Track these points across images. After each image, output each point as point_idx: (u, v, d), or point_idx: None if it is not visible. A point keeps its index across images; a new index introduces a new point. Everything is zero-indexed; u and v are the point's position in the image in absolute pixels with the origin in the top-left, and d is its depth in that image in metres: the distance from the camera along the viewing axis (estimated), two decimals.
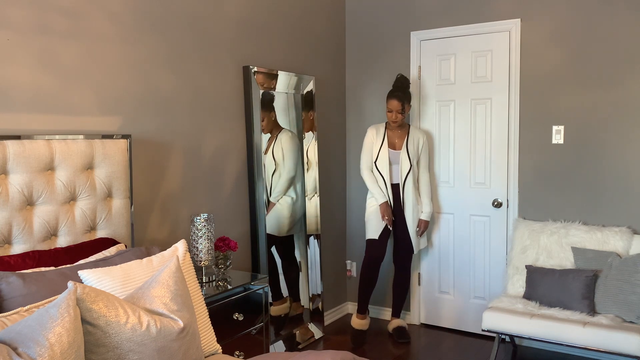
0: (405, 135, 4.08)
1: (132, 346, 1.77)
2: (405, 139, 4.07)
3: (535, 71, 3.93)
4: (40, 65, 2.47)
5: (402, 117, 4.00)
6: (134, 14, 2.88)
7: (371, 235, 4.08)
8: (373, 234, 4.07)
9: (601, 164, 3.74)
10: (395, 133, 4.09)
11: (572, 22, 3.79)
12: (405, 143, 4.05)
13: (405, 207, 4.06)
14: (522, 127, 3.99)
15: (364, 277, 4.12)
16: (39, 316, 1.59)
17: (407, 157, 4.02)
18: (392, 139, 4.09)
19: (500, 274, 4.11)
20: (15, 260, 2.16)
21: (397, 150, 4.06)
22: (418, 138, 4.11)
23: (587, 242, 3.60)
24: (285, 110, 3.96)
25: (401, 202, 4.06)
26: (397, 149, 4.06)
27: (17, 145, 2.25)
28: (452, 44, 4.23)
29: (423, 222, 4.14)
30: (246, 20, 3.64)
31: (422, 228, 4.14)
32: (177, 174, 3.17)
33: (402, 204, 4.06)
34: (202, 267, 2.89)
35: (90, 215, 2.52)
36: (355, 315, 4.17)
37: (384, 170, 4.02)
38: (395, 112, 3.97)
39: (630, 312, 3.24)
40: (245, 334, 2.86)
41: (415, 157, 4.08)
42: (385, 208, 4.01)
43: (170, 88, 3.11)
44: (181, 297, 2.00)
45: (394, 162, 4.05)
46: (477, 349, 3.98)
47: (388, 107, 4.00)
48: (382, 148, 4.05)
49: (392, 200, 4.06)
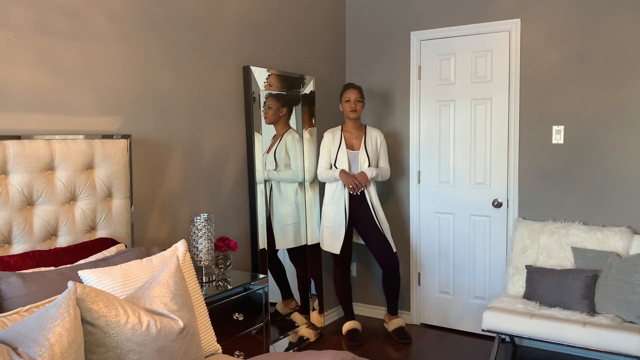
0: (362, 136, 4.05)
1: (132, 346, 1.77)
2: (363, 139, 4.04)
3: (535, 71, 3.93)
4: (40, 65, 2.47)
5: (361, 108, 3.97)
6: (134, 14, 2.88)
7: (333, 249, 4.00)
8: (335, 249, 3.99)
9: (601, 164, 3.74)
10: (353, 134, 4.05)
11: (572, 22, 3.79)
12: (363, 143, 4.02)
13: (373, 207, 3.98)
14: (522, 127, 3.99)
15: (339, 289, 4.14)
16: (39, 316, 1.59)
17: (366, 156, 3.98)
18: (349, 140, 4.05)
19: (500, 274, 4.11)
20: (15, 260, 2.16)
21: (355, 150, 4.02)
22: (375, 137, 4.07)
23: (587, 242, 3.60)
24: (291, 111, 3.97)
25: (367, 203, 3.98)
26: (356, 149, 4.03)
27: (17, 145, 2.25)
28: (452, 44, 4.23)
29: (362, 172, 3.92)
30: (246, 20, 3.63)
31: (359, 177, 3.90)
32: (177, 174, 3.17)
33: (368, 204, 3.98)
34: (202, 267, 2.89)
35: (90, 215, 2.52)
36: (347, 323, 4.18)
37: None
38: (353, 100, 3.94)
39: (630, 312, 3.24)
40: (245, 334, 2.86)
41: (374, 156, 4.04)
42: (346, 174, 3.88)
43: (170, 88, 3.11)
44: (181, 297, 2.00)
45: (353, 163, 4.01)
46: (477, 349, 3.98)
47: (345, 97, 3.96)
48: (340, 150, 3.99)
49: (355, 204, 3.96)
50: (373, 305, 4.66)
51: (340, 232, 3.98)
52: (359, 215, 4.00)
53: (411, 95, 4.40)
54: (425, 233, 4.42)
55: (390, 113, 4.51)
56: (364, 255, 4.60)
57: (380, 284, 4.52)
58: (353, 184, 3.89)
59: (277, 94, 3.84)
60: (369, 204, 3.98)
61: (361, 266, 4.67)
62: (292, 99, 4.01)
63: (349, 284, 4.19)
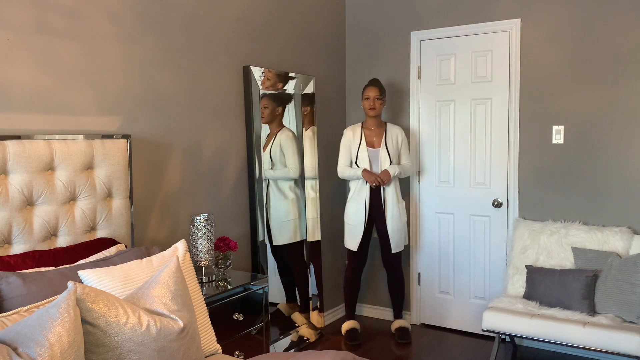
0: (383, 133, 4.04)
1: (132, 346, 1.77)
2: (384, 136, 4.03)
3: (535, 71, 3.93)
4: (40, 65, 2.47)
5: (380, 106, 3.96)
6: (133, 13, 2.88)
7: (350, 246, 4.05)
8: (352, 245, 4.03)
9: (601, 164, 3.74)
10: (373, 132, 4.04)
11: (572, 22, 3.79)
12: (384, 140, 4.02)
13: (386, 206, 3.99)
14: (522, 127, 3.99)
15: (347, 287, 4.14)
16: (39, 316, 1.59)
17: (387, 155, 3.98)
18: (369, 137, 4.04)
19: (500, 274, 4.11)
20: (15, 260, 2.16)
21: (376, 148, 4.02)
22: (396, 134, 4.06)
23: (587, 242, 3.60)
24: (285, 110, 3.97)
25: (382, 202, 4.01)
26: (376, 147, 4.02)
27: (17, 145, 2.25)
28: (452, 44, 4.23)
29: (385, 171, 3.91)
30: (246, 20, 3.63)
31: (381, 175, 3.89)
32: (177, 174, 3.17)
33: (383, 203, 4.00)
34: (202, 267, 2.89)
35: (90, 215, 2.52)
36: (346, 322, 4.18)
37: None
38: (372, 98, 3.93)
39: (630, 312, 3.24)
40: (245, 334, 2.86)
41: (396, 153, 4.04)
42: (368, 172, 3.90)
43: (170, 88, 3.11)
44: (181, 297, 2.00)
45: (373, 161, 4.00)
46: (477, 349, 3.98)
47: (365, 95, 3.95)
48: (361, 147, 4.00)
49: (370, 203, 3.99)
50: (377, 306, 4.65)
51: (358, 229, 4.00)
52: (377, 213, 4.02)
53: (411, 95, 4.40)
54: (425, 233, 4.42)
55: (390, 113, 4.50)
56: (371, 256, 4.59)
57: (381, 284, 4.53)
58: (376, 182, 3.89)
59: (274, 94, 3.83)
60: (382, 202, 3.99)
61: (368, 267, 4.65)
62: (290, 99, 4.01)
63: (358, 283, 4.16)
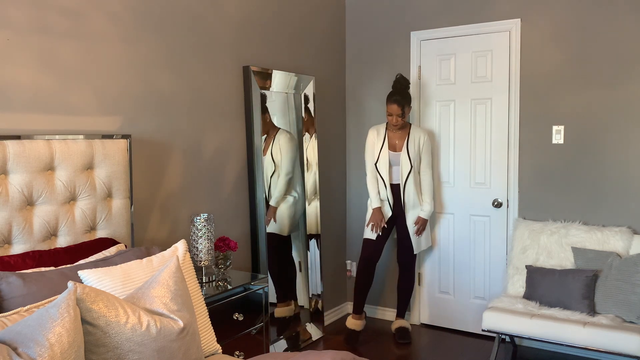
0: (406, 136, 4.05)
1: (132, 346, 1.77)
2: (406, 139, 4.04)
3: (535, 71, 3.93)
4: (40, 65, 2.47)
5: (403, 120, 3.98)
6: (133, 13, 2.88)
7: (368, 234, 4.08)
8: (370, 234, 4.07)
9: (601, 164, 3.74)
10: (396, 134, 4.06)
11: (572, 22, 3.79)
12: (405, 144, 4.03)
13: (406, 208, 4.04)
14: (522, 127, 3.99)
15: (358, 277, 4.13)
16: (39, 316, 1.59)
17: (408, 159, 4.00)
18: (392, 140, 4.06)
19: (500, 274, 4.11)
20: (15, 260, 2.16)
21: (397, 151, 4.04)
22: (419, 137, 4.06)
23: (587, 242, 3.60)
24: (284, 110, 3.96)
25: (402, 203, 4.05)
26: (398, 150, 4.04)
27: (17, 145, 2.25)
28: (452, 44, 4.23)
29: (421, 219, 4.07)
30: (246, 20, 3.64)
31: (419, 226, 4.07)
32: (177, 174, 3.17)
33: (402, 204, 4.05)
34: (202, 267, 2.89)
35: (90, 215, 2.52)
36: (351, 316, 4.16)
37: (384, 172, 4.01)
38: (395, 115, 3.94)
39: (630, 312, 3.24)
40: (245, 334, 2.86)
41: (417, 157, 4.05)
42: (376, 214, 4.00)
43: (170, 88, 3.11)
44: (181, 297, 2.00)
45: (394, 164, 4.03)
46: (477, 349, 3.98)
47: (388, 111, 3.97)
48: (383, 150, 4.03)
49: (393, 201, 4.05)
50: (377, 306, 4.65)
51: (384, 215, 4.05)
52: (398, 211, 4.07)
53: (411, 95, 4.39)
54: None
55: None
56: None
57: (382, 284, 4.52)
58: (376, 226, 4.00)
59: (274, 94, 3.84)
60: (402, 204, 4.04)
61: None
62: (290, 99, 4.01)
63: (371, 276, 4.10)
